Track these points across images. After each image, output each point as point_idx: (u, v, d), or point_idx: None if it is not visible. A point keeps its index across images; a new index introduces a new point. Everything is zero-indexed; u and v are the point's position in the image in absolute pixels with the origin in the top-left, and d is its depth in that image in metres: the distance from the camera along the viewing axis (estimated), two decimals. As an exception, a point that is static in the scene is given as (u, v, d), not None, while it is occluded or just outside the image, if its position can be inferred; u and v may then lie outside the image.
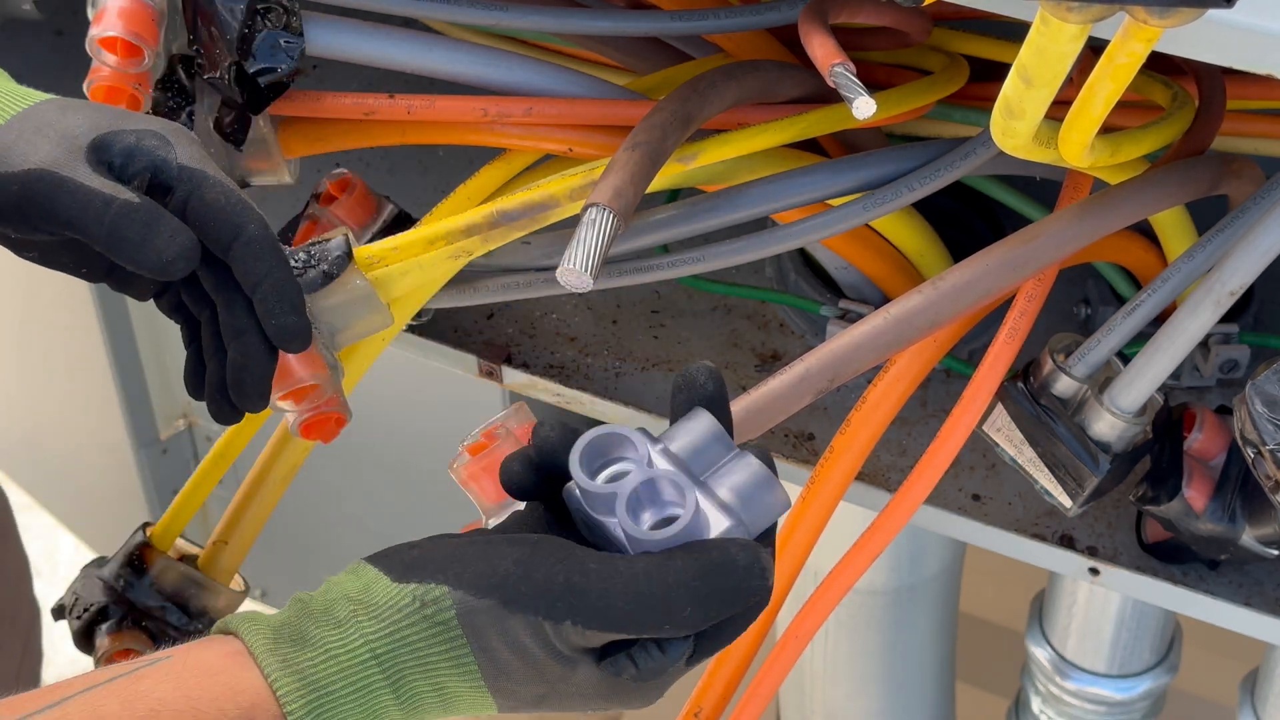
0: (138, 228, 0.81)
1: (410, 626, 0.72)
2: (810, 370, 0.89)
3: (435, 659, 0.72)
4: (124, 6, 0.97)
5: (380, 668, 0.71)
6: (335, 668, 0.71)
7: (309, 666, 0.71)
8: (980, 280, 0.92)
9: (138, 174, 0.84)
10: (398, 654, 0.71)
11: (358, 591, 0.73)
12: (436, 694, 0.72)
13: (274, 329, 0.85)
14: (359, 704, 0.71)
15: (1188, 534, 0.96)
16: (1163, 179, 0.96)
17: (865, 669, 1.48)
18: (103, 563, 1.08)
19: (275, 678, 0.70)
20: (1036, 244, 0.93)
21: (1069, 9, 0.65)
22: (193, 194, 0.84)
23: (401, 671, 0.71)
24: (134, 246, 0.82)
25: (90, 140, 0.84)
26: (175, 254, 0.82)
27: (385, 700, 0.71)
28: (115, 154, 0.84)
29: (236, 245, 0.84)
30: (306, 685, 0.70)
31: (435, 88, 1.02)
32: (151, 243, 0.82)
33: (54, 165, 0.82)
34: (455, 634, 0.71)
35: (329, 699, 0.70)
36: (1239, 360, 1.10)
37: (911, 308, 0.91)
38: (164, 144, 0.85)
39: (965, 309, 0.92)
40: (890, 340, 0.91)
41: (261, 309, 0.85)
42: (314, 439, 0.96)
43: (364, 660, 0.71)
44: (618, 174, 0.90)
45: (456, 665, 0.72)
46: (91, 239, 0.82)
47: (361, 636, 0.72)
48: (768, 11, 1.03)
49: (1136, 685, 1.36)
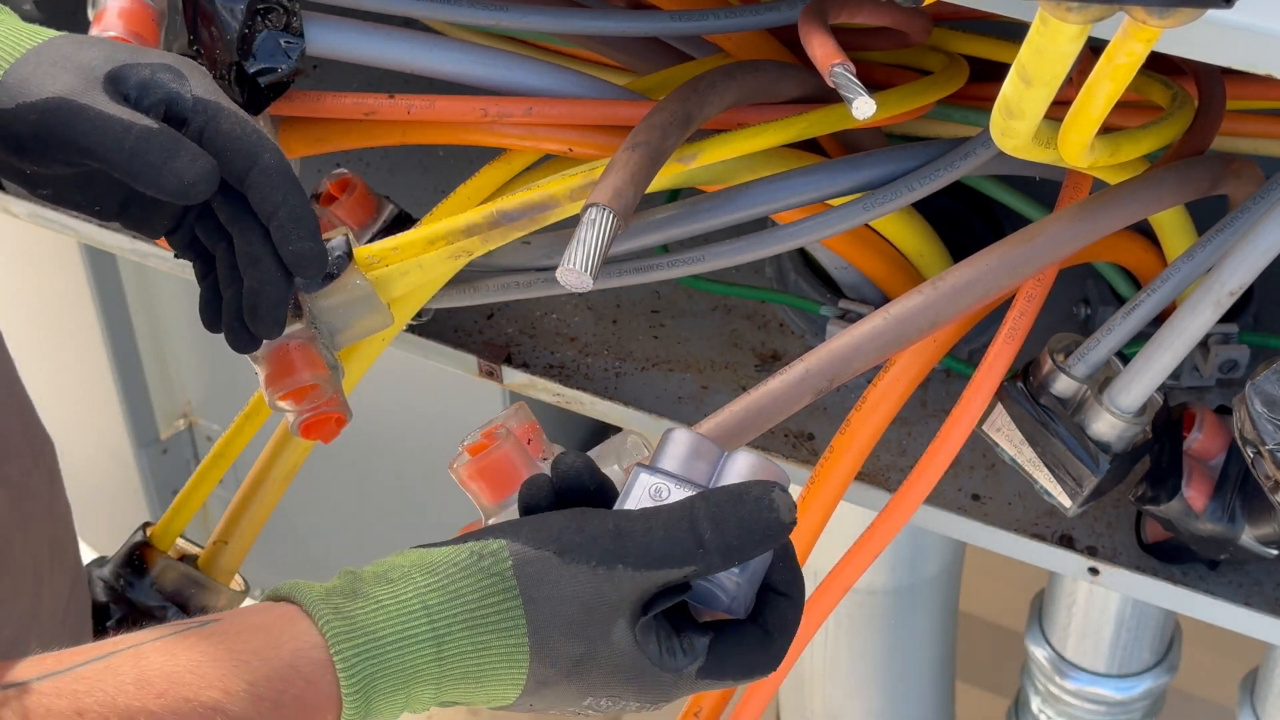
0: (158, 152, 0.82)
1: (465, 579, 0.73)
2: (810, 370, 0.89)
3: (486, 613, 0.73)
4: (124, 6, 0.97)
5: (428, 620, 0.72)
6: (384, 616, 0.72)
7: (360, 613, 0.72)
8: (980, 280, 0.92)
9: (153, 105, 0.85)
10: (450, 606, 0.73)
11: (411, 559, 0.75)
12: (476, 653, 0.73)
13: (290, 255, 0.86)
14: (400, 655, 0.72)
15: (1187, 534, 0.96)
16: (1162, 179, 0.96)
17: (865, 669, 1.48)
18: (103, 562, 1.08)
19: (326, 620, 0.71)
20: (1036, 244, 0.93)
21: (1068, 9, 0.65)
22: (208, 124, 0.85)
23: (450, 627, 0.72)
24: (155, 170, 0.82)
25: (106, 71, 0.84)
26: (196, 176, 0.82)
27: (426, 654, 0.72)
28: (131, 86, 0.85)
29: (253, 173, 0.85)
30: (355, 629, 0.71)
31: (435, 88, 1.02)
32: (172, 165, 0.82)
33: (72, 94, 0.83)
34: (509, 584, 0.73)
35: (376, 645, 0.71)
36: (1238, 360, 1.10)
37: (911, 308, 0.91)
38: (178, 77, 0.86)
39: (965, 309, 0.92)
40: (890, 340, 0.91)
41: (278, 235, 0.86)
42: (314, 439, 0.96)
43: (414, 611, 0.72)
44: (618, 174, 0.91)
45: (505, 618, 0.73)
46: (112, 165, 0.83)
47: (414, 589, 0.73)
48: (768, 11, 1.03)
49: (1136, 685, 1.36)
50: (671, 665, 0.75)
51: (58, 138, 0.83)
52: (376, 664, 0.72)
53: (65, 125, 0.82)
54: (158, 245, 1.04)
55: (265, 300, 0.87)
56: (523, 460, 0.87)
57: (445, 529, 0.86)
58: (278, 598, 0.74)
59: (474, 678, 0.74)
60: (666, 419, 1.12)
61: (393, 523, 1.94)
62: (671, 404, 1.13)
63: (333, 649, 0.71)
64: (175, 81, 0.86)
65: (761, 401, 0.89)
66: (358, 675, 0.71)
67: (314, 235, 0.86)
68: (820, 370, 0.89)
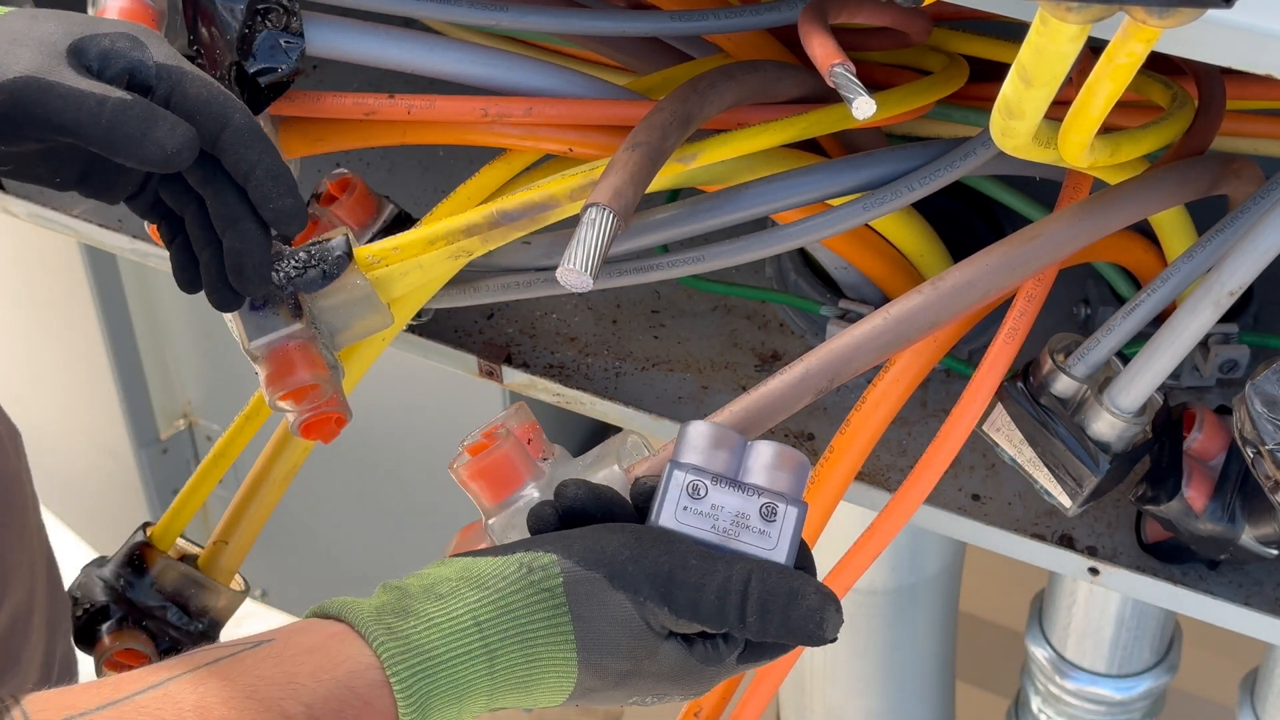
0: (136, 123, 0.81)
1: (516, 594, 0.74)
2: (810, 370, 0.89)
3: (536, 627, 0.74)
4: (124, 6, 0.97)
5: (480, 636, 0.73)
6: (438, 635, 0.72)
7: (413, 633, 0.72)
8: (980, 280, 0.92)
9: (116, 76, 0.84)
10: (501, 622, 0.73)
11: (457, 571, 0.75)
12: (527, 665, 0.74)
13: (272, 213, 0.86)
14: (454, 671, 0.72)
15: (1187, 534, 0.96)
16: (1162, 179, 0.96)
17: (865, 669, 1.48)
18: (103, 562, 1.08)
19: (381, 641, 0.71)
20: (1036, 244, 0.93)
21: (1068, 9, 0.65)
22: (174, 90, 0.85)
23: (501, 641, 0.73)
24: (135, 142, 0.81)
25: (68, 45, 0.84)
26: (179, 144, 0.82)
27: (479, 669, 0.72)
28: (92, 57, 0.85)
29: (225, 135, 0.85)
30: (410, 649, 0.71)
31: (435, 88, 1.02)
32: (153, 136, 0.81)
33: (39, 71, 0.82)
34: (559, 601, 0.74)
35: (431, 664, 0.72)
36: (1238, 360, 1.10)
37: (911, 307, 0.91)
38: (137, 44, 0.85)
39: (965, 309, 0.92)
40: (890, 340, 0.91)
41: (257, 195, 0.86)
42: (314, 439, 0.96)
43: (466, 628, 0.73)
44: (617, 174, 0.91)
45: (555, 632, 0.74)
46: (89, 140, 0.82)
47: (465, 605, 0.73)
48: (768, 11, 1.03)
49: (1136, 685, 1.36)
50: (715, 659, 0.77)
51: (29, 116, 0.82)
52: (432, 682, 0.72)
53: (36, 103, 0.81)
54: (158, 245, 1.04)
55: (250, 259, 0.86)
56: (523, 460, 0.87)
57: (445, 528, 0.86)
58: (326, 615, 0.74)
59: (525, 687, 0.74)
60: (666, 419, 1.12)
61: (393, 522, 1.94)
62: (671, 404, 1.13)
63: (389, 670, 0.71)
64: (136, 50, 0.85)
65: (762, 401, 0.89)
66: (415, 694, 0.71)
67: (293, 191, 0.86)
68: (820, 370, 0.89)
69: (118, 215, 1.26)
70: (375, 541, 1.96)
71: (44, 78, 0.82)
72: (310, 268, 0.93)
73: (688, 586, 0.75)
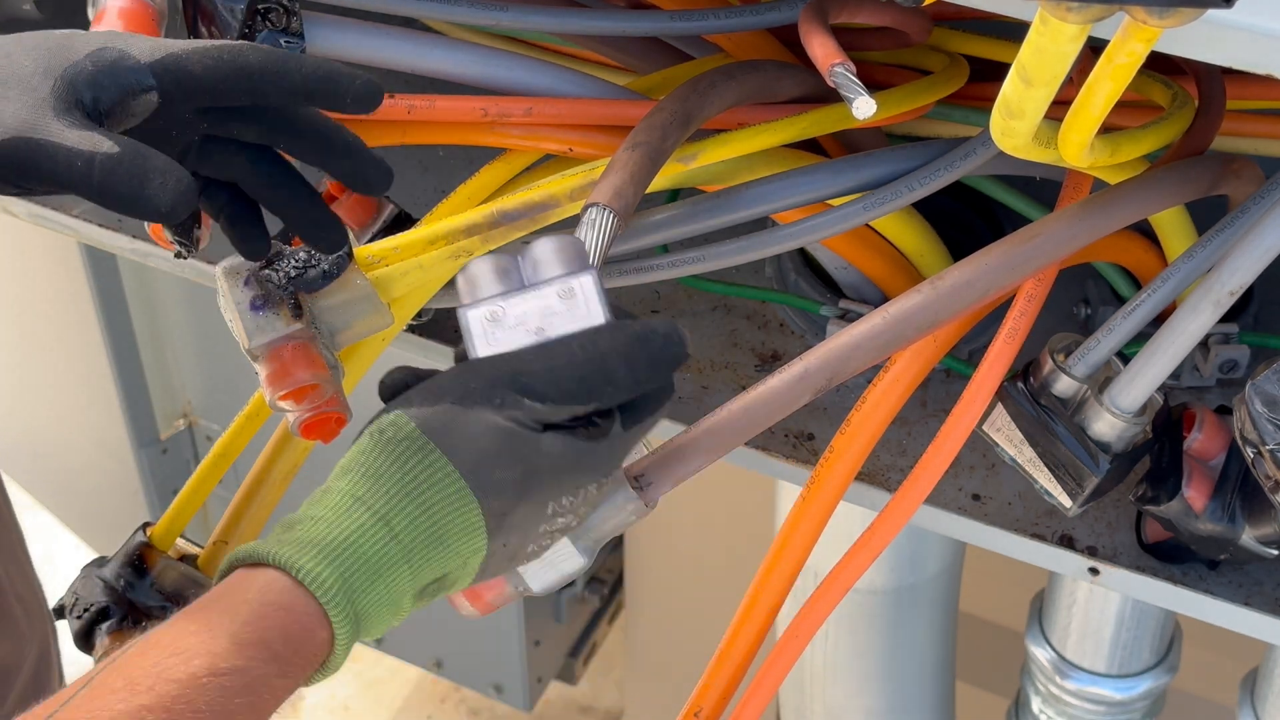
0: (126, 180, 0.77)
1: (380, 457, 0.74)
2: (809, 369, 0.89)
3: (413, 474, 0.74)
4: (124, 7, 0.97)
5: (365, 507, 0.74)
6: (325, 525, 0.73)
7: (303, 534, 0.73)
8: (979, 279, 0.92)
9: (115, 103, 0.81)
10: (377, 487, 0.74)
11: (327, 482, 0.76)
12: (424, 515, 0.74)
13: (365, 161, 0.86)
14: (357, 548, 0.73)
15: (1187, 534, 0.96)
16: (1162, 179, 0.96)
17: (865, 668, 1.48)
18: (103, 562, 1.08)
19: (273, 553, 0.72)
20: (1035, 243, 0.93)
21: (1068, 9, 0.65)
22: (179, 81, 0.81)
23: (387, 503, 0.74)
24: (128, 201, 0.78)
25: (50, 86, 0.80)
26: (172, 200, 0.78)
27: (379, 537, 0.73)
28: (82, 88, 0.81)
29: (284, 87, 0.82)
30: (305, 546, 0.72)
31: (435, 88, 1.02)
32: (144, 193, 0.78)
33: (23, 129, 0.78)
34: (422, 442, 0.74)
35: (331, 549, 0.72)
36: (1238, 360, 1.10)
37: (910, 307, 0.91)
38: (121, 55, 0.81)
39: (965, 308, 0.92)
40: (889, 339, 0.91)
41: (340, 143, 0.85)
42: (314, 439, 0.96)
43: (350, 507, 0.73)
44: (617, 174, 0.91)
45: (432, 470, 0.74)
46: (85, 197, 0.79)
47: (340, 492, 0.74)
48: (768, 11, 1.03)
49: (1136, 685, 1.36)
50: (600, 434, 0.77)
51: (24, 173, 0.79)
52: (339, 565, 0.72)
53: (29, 163, 0.78)
54: (158, 245, 1.04)
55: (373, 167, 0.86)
56: None
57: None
58: (223, 575, 0.75)
59: (436, 539, 0.74)
60: (666, 419, 1.12)
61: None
62: (672, 404, 1.13)
63: (293, 570, 0.72)
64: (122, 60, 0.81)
65: (761, 400, 0.89)
66: (327, 583, 0.72)
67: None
68: (819, 369, 0.89)
69: (118, 215, 1.26)
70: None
71: (30, 136, 0.78)
72: (310, 268, 0.93)
73: (538, 374, 0.76)
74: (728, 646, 0.99)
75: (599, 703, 2.44)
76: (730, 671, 0.99)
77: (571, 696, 2.44)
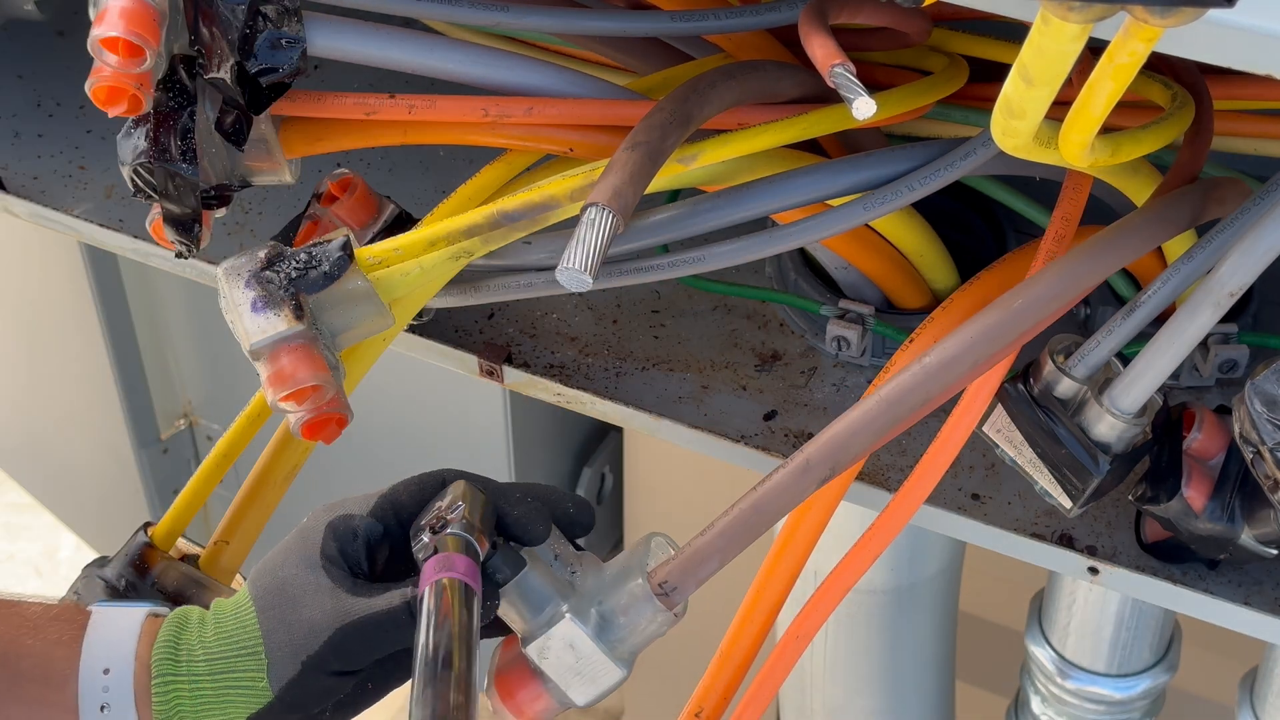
0: None
1: None
2: (811, 461, 0.90)
3: None
4: (125, 6, 0.97)
5: None
6: None
7: None
8: (966, 354, 0.90)
9: None
10: None
11: None
12: None
13: None
14: None
15: (1187, 533, 0.96)
16: (1141, 227, 0.94)
17: (865, 668, 1.49)
18: (104, 562, 1.08)
19: None
20: (1016, 309, 0.91)
21: (1070, 9, 0.65)
22: None
23: None
24: None
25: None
26: None
27: None
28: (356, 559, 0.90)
29: None
30: None
31: (436, 88, 1.02)
32: None
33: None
34: None
35: None
36: (1238, 360, 1.10)
37: (900, 388, 0.90)
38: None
39: (955, 382, 0.91)
40: (885, 423, 0.90)
41: None
42: (315, 440, 0.96)
43: None
44: (617, 174, 0.91)
45: None
46: None
47: None
48: (768, 11, 1.03)
49: (1136, 684, 1.36)
50: None
51: None
52: None
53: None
54: (159, 245, 1.04)
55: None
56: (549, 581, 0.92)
57: (446, 529, 0.86)
58: None
59: None
60: (667, 419, 1.12)
61: (393, 523, 1.94)
62: (672, 404, 1.13)
63: None
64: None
65: (767, 498, 0.90)
66: None
67: None
68: (820, 460, 0.90)
69: (118, 215, 1.27)
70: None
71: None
72: (311, 269, 0.93)
73: None
74: (729, 647, 0.99)
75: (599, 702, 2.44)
76: (731, 672, 0.99)
77: (571, 696, 2.44)
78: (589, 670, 0.88)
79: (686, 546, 0.90)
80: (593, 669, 0.88)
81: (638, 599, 0.89)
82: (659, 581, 0.89)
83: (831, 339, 1.14)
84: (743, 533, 0.90)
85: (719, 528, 0.89)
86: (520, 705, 0.89)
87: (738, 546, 0.90)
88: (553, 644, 0.88)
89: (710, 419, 1.12)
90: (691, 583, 0.90)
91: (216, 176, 1.00)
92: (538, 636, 0.88)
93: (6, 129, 1.34)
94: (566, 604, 0.89)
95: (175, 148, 0.97)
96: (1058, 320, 1.14)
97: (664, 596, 0.89)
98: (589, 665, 0.88)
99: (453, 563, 0.83)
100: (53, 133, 1.33)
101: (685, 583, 0.89)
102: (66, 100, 1.36)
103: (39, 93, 1.37)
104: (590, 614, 0.89)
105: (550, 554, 0.91)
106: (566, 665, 0.89)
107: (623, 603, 0.90)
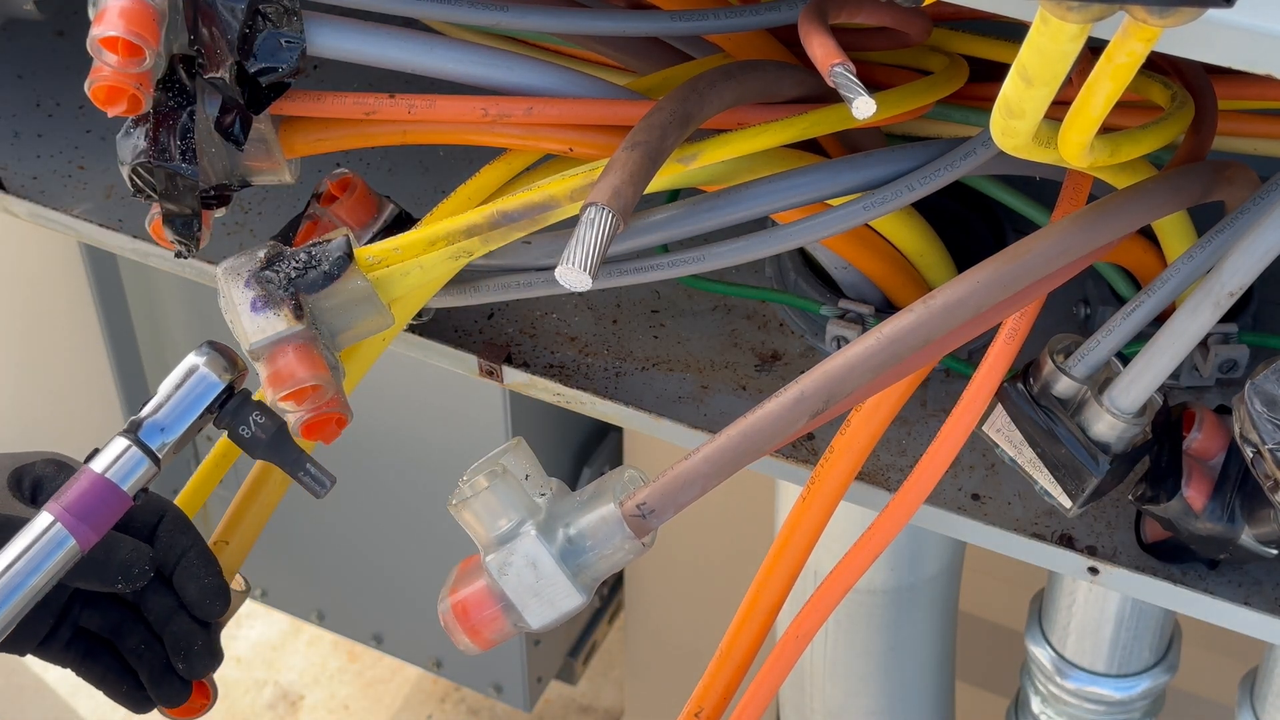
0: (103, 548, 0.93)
1: None
2: (805, 392, 0.88)
3: None
4: (125, 6, 0.97)
5: None
6: None
7: None
8: (972, 297, 0.90)
9: None
10: None
11: None
12: None
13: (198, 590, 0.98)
14: None
15: (1187, 533, 0.96)
16: (1153, 191, 0.95)
17: (865, 668, 1.49)
18: (104, 562, 1.08)
19: None
20: (1026, 259, 0.91)
21: (1069, 8, 0.65)
22: None
23: None
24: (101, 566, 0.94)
25: None
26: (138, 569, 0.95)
27: None
28: None
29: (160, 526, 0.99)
30: None
31: (436, 88, 1.02)
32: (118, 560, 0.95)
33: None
34: None
35: None
36: (1238, 360, 1.10)
37: (903, 326, 0.90)
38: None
39: (957, 325, 0.91)
40: (884, 359, 0.89)
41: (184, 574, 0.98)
42: (315, 440, 0.96)
43: None
44: (616, 173, 0.91)
45: None
46: None
47: None
48: (768, 11, 1.03)
49: (1136, 685, 1.36)
50: None
51: None
52: None
53: None
54: (159, 245, 1.04)
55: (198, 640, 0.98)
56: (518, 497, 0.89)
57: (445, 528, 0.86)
58: None
59: None
60: (667, 418, 1.12)
61: (393, 522, 1.94)
62: (671, 403, 1.13)
63: None
64: None
65: (757, 425, 0.88)
66: None
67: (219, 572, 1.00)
68: (815, 392, 0.88)
69: (118, 215, 1.27)
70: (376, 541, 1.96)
71: None
72: (311, 268, 0.93)
73: None
74: (728, 646, 0.99)
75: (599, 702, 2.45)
76: (731, 671, 0.99)
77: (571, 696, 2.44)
78: (548, 592, 0.86)
79: (669, 470, 0.87)
80: (552, 591, 0.86)
81: (608, 523, 0.87)
82: (637, 503, 0.86)
83: (831, 339, 1.14)
84: (728, 460, 0.87)
85: (704, 453, 0.87)
86: (476, 625, 0.87)
87: (721, 475, 0.87)
88: (515, 560, 0.86)
89: (710, 419, 1.12)
90: (670, 507, 0.87)
91: (216, 176, 1.00)
92: (499, 550, 0.87)
93: (6, 129, 1.34)
94: (533, 521, 0.88)
95: (175, 148, 0.97)
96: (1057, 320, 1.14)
97: (640, 519, 0.86)
98: (549, 587, 0.86)
99: None
100: (52, 133, 1.33)
101: (664, 507, 0.87)
102: (66, 100, 1.36)
103: (38, 92, 1.37)
104: (557, 534, 0.87)
105: (521, 472, 0.90)
106: (526, 585, 0.87)
107: (592, 527, 0.88)
